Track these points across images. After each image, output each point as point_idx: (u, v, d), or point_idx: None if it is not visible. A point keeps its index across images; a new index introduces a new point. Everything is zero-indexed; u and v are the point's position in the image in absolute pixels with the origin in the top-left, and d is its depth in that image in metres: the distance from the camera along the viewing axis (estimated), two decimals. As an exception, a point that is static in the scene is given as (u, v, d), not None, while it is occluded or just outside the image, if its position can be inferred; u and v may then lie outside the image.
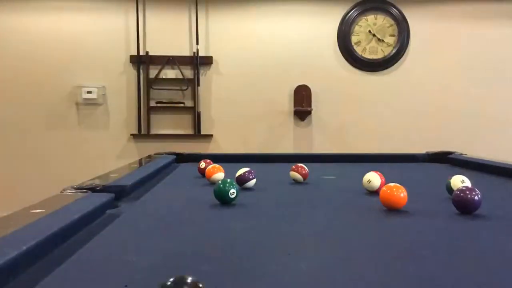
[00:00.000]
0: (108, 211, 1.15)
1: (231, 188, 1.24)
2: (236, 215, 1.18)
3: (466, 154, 2.37)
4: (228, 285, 0.67)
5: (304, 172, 1.65)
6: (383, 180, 1.47)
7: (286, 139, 4.66)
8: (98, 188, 1.27)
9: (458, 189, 1.17)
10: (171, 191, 1.56)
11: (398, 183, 1.55)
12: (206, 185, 1.62)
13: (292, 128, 4.67)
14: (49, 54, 4.52)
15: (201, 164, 1.84)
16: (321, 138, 4.65)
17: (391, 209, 1.17)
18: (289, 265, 0.76)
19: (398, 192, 1.16)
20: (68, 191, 1.22)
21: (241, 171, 1.52)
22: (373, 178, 1.47)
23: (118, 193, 1.26)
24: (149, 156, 2.44)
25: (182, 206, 1.31)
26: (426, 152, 2.56)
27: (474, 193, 1.14)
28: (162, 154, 2.42)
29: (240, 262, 0.78)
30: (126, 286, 0.67)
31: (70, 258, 0.78)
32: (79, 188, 1.25)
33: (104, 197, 1.14)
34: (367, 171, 1.81)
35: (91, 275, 0.72)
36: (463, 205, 1.14)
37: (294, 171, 1.66)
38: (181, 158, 2.41)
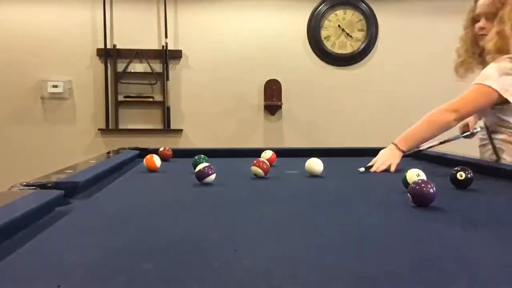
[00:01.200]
0: (58, 209, 1.12)
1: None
2: (188, 211, 1.16)
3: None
4: (165, 284, 0.66)
5: (265, 166, 1.65)
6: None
7: (257, 134, 4.65)
8: (49, 185, 1.24)
9: (414, 182, 1.19)
10: (127, 187, 1.53)
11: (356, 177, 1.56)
12: (162, 181, 1.60)
13: (263, 122, 4.67)
14: (14, 47, 4.40)
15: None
16: (291, 133, 4.67)
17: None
18: (232, 262, 0.75)
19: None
20: (17, 188, 1.19)
21: (200, 166, 1.50)
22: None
23: (69, 190, 1.23)
24: (114, 151, 2.40)
25: (135, 202, 1.28)
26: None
27: (429, 186, 1.16)
28: (126, 149, 2.37)
29: (183, 260, 0.76)
30: (59, 286, 0.65)
31: (6, 257, 0.75)
32: (28, 185, 1.21)
33: (52, 194, 1.10)
34: (331, 165, 1.83)
35: (24, 275, 0.70)
36: (419, 198, 1.15)
37: (255, 165, 1.65)
38: (145, 153, 2.37)
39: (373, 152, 2.50)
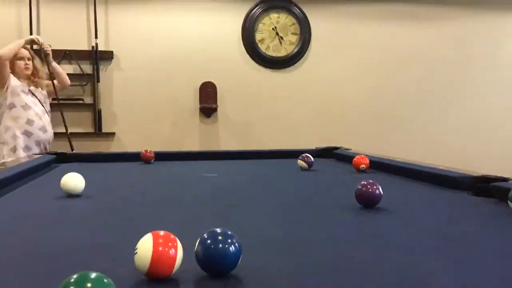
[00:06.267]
0: None
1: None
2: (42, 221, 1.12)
3: (350, 149, 2.47)
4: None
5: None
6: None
7: (192, 137, 4.61)
8: None
9: (360, 184, 1.20)
10: (24, 196, 1.45)
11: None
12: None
13: (198, 125, 4.63)
14: None
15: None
16: (227, 135, 4.66)
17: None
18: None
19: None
20: None
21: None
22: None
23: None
24: (30, 156, 2.29)
25: (24, 212, 1.22)
26: (316, 147, 2.64)
27: (375, 187, 1.18)
28: (43, 154, 2.27)
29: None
30: None
31: None
32: None
33: None
34: (254, 168, 1.83)
35: None
36: (366, 199, 1.19)
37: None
38: (63, 158, 2.28)
39: (306, 153, 2.54)
